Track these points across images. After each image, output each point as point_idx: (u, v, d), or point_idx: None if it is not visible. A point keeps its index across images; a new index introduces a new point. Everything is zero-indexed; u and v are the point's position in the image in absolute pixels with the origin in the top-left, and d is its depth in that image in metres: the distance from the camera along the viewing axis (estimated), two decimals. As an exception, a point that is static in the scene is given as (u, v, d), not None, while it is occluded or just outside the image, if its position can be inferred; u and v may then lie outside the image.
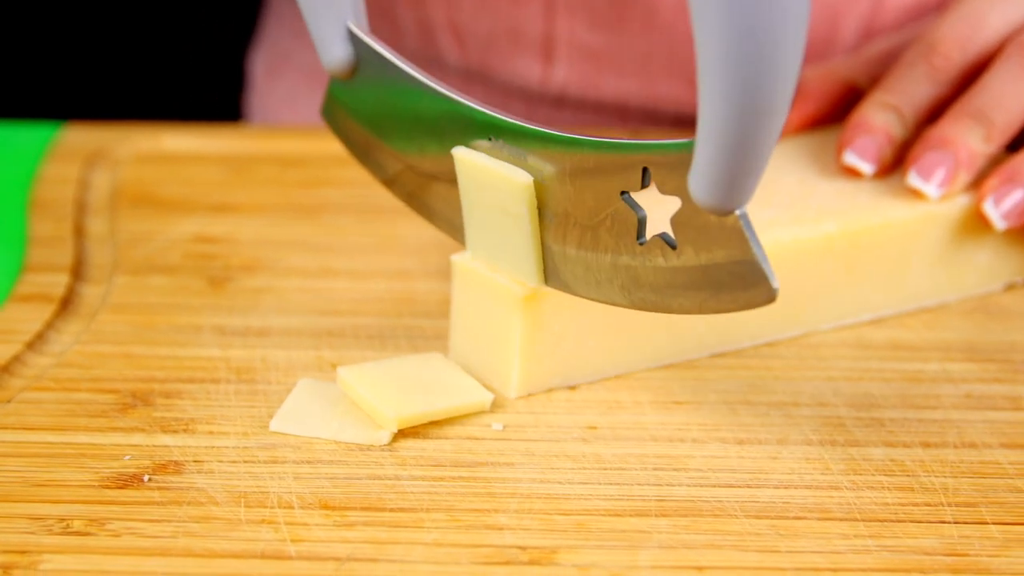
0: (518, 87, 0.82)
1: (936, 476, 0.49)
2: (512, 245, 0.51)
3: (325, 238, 0.66)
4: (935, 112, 0.62)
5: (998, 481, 0.49)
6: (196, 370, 0.54)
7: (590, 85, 0.80)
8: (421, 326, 0.58)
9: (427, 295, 0.61)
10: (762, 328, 0.57)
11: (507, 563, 0.44)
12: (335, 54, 0.53)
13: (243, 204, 0.70)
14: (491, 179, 0.50)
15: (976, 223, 0.60)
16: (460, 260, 0.54)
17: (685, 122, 0.80)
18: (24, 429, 0.50)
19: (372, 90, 0.54)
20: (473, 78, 0.83)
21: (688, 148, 0.44)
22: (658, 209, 0.47)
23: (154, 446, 0.49)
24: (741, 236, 0.44)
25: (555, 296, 0.52)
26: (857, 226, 0.57)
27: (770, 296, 0.45)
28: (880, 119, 0.61)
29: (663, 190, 0.45)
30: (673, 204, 0.45)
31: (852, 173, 0.60)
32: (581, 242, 0.49)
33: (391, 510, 0.46)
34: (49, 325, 0.57)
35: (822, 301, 0.58)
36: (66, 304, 0.59)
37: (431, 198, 0.54)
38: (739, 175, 0.42)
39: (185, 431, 0.50)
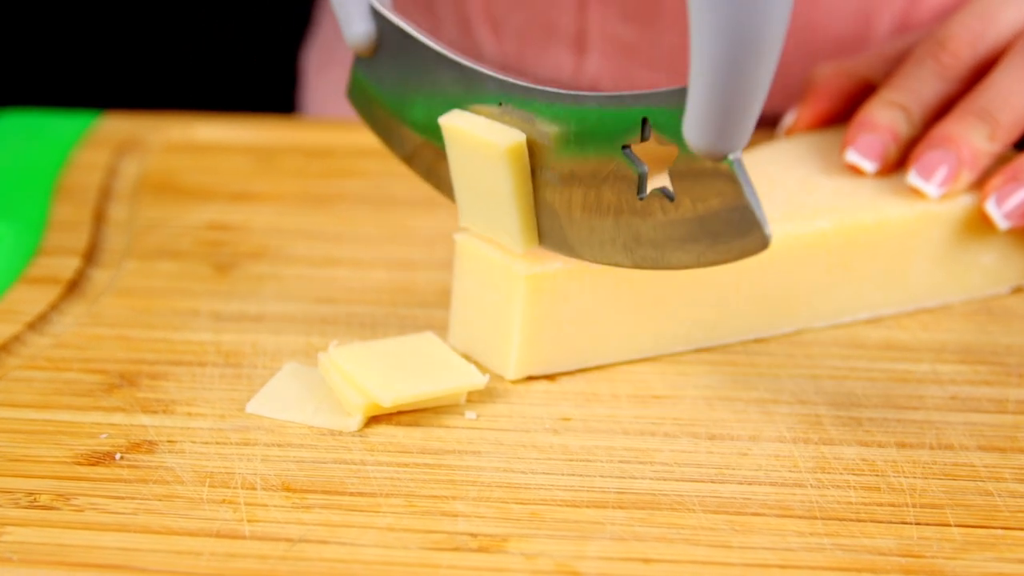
0: (552, 80, 0.82)
1: (906, 477, 0.48)
2: (498, 211, 0.52)
3: (336, 228, 0.66)
4: (944, 110, 0.61)
5: (969, 483, 0.48)
6: (186, 353, 0.55)
7: (622, 78, 0.80)
8: (415, 315, 0.58)
9: (427, 285, 0.61)
10: (754, 324, 0.57)
11: (456, 549, 0.44)
12: (357, 30, 0.54)
13: (262, 193, 0.71)
14: (472, 144, 0.51)
15: (980, 223, 0.59)
16: (462, 239, 0.54)
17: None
18: (9, 406, 0.51)
19: (393, 66, 0.54)
20: (509, 70, 0.84)
21: (683, 94, 0.44)
22: (657, 163, 0.47)
23: (132, 426, 0.50)
24: (735, 181, 0.44)
25: (557, 278, 0.52)
26: (851, 223, 0.56)
27: (763, 242, 0.45)
28: (886, 117, 0.60)
29: (661, 139, 0.46)
30: (671, 156, 0.45)
31: (855, 171, 0.60)
32: (586, 202, 0.49)
33: (351, 494, 0.47)
34: (53, 307, 0.59)
35: (816, 298, 0.57)
36: (73, 287, 0.60)
37: (445, 171, 0.55)
38: (731, 117, 0.42)
39: (164, 412, 0.51)
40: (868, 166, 0.59)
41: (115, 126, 0.78)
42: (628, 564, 0.43)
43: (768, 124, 0.65)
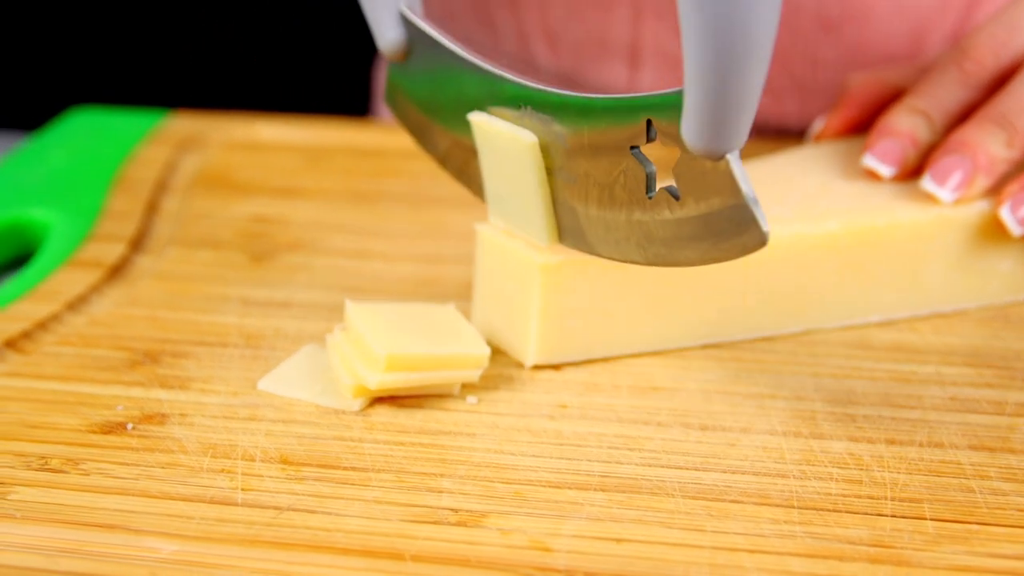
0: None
1: (890, 472, 0.48)
2: (524, 206, 0.53)
3: (372, 223, 0.68)
4: (967, 117, 0.61)
5: (952, 480, 0.48)
6: (209, 334, 0.57)
7: (674, 91, 0.81)
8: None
9: (452, 278, 0.62)
10: (763, 322, 0.57)
11: (435, 523, 0.45)
12: (388, 37, 0.56)
13: (307, 189, 0.73)
14: (501, 141, 0.52)
15: (996, 229, 0.58)
16: (483, 229, 0.56)
17: (767, 132, 0.80)
18: (37, 377, 0.54)
19: (424, 71, 0.56)
20: (566, 83, 0.85)
21: (680, 97, 0.45)
22: (663, 163, 0.48)
23: (147, 399, 0.52)
24: (732, 180, 0.45)
25: (573, 267, 0.53)
26: (862, 226, 0.57)
27: (761, 239, 0.45)
28: (906, 123, 0.60)
29: (665, 140, 0.47)
30: (675, 156, 0.46)
31: (873, 176, 0.60)
32: (600, 201, 0.50)
33: (344, 468, 0.48)
34: (94, 289, 0.61)
35: (826, 299, 0.57)
36: (115, 271, 0.63)
37: (475, 171, 0.56)
38: (725, 118, 0.43)
39: (180, 388, 0.53)
40: (885, 171, 0.59)
41: (181, 125, 0.81)
42: (600, 543, 0.44)
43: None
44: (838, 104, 0.65)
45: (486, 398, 0.53)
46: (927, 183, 0.58)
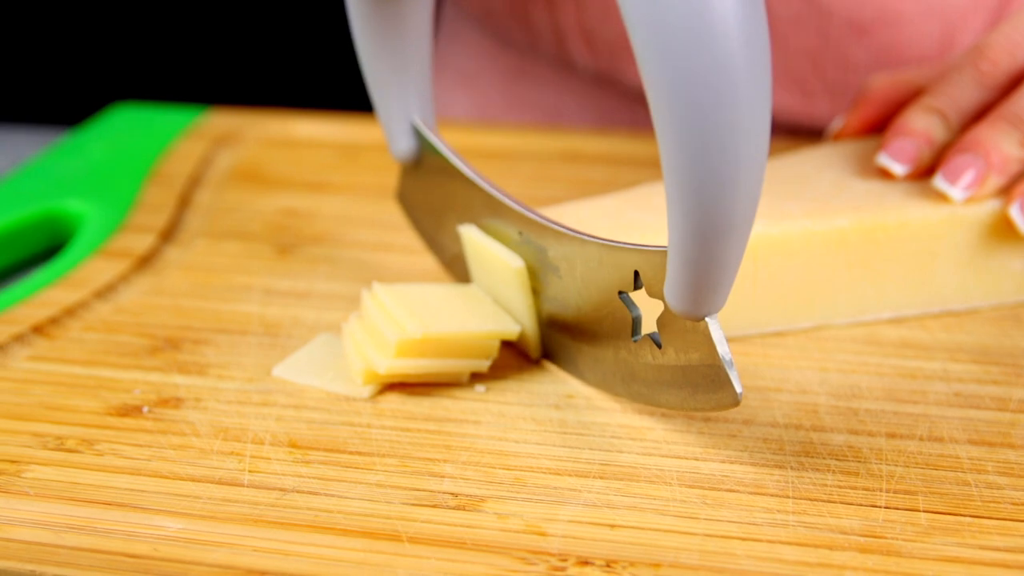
0: (643, 92, 0.84)
1: (887, 464, 0.49)
2: (517, 314, 0.55)
3: (398, 217, 0.69)
4: (982, 117, 0.61)
5: (948, 473, 0.48)
6: (230, 323, 0.58)
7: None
8: None
9: (471, 272, 0.63)
10: (773, 317, 0.58)
11: (435, 506, 0.46)
12: (400, 146, 0.58)
13: (338, 184, 0.74)
14: (490, 258, 0.54)
15: (1007, 229, 0.59)
16: (465, 231, 0.56)
17: (799, 132, 0.80)
18: (60, 361, 0.55)
19: (433, 179, 0.58)
20: (603, 81, 0.86)
21: (665, 256, 0.46)
22: (649, 309, 0.49)
23: (165, 384, 0.54)
24: (710, 342, 0.46)
25: None
26: (871, 223, 0.57)
27: (734, 400, 0.47)
28: (921, 122, 0.60)
29: (651, 293, 0.48)
30: (660, 306, 0.48)
31: (886, 174, 0.60)
32: (590, 335, 0.52)
33: (350, 452, 0.49)
34: (122, 278, 0.62)
35: (836, 295, 0.58)
36: (144, 261, 0.64)
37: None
38: (704, 286, 0.45)
39: (198, 373, 0.54)
40: (898, 169, 0.59)
41: (219, 121, 0.83)
42: (594, 528, 0.45)
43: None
44: (857, 103, 0.65)
45: (495, 387, 0.54)
46: (939, 182, 0.58)
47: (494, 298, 0.55)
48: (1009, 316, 0.60)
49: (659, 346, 0.49)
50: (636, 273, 0.49)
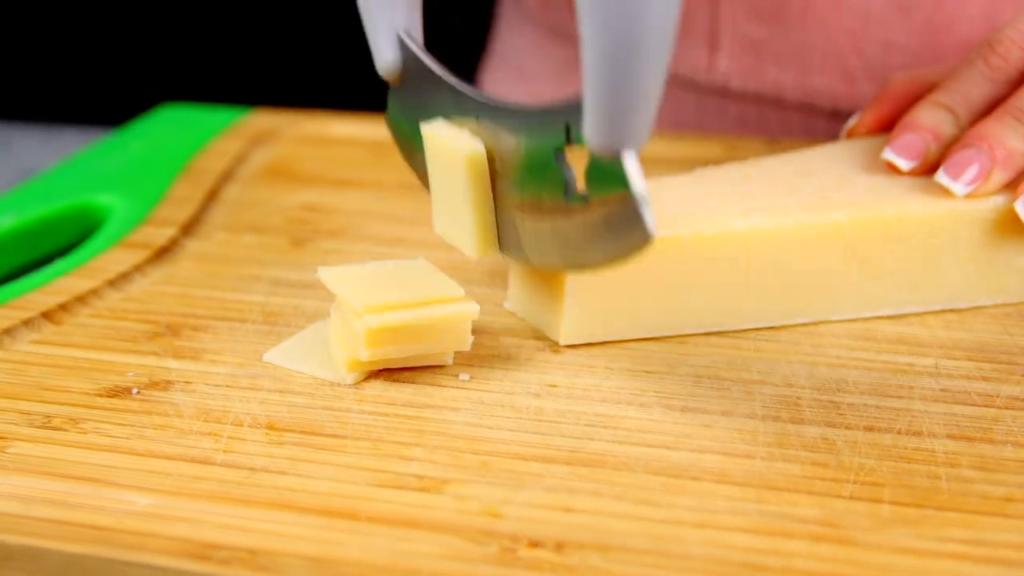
0: (688, 78, 0.84)
1: (860, 457, 0.48)
2: (459, 216, 0.55)
3: (418, 214, 0.70)
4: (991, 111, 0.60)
5: (920, 467, 0.48)
6: (232, 311, 0.60)
7: (751, 76, 0.81)
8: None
9: (479, 265, 0.64)
10: (768, 311, 0.57)
11: (398, 487, 0.47)
12: (385, 57, 0.57)
13: (363, 181, 0.75)
14: (443, 150, 0.55)
15: (1013, 224, 0.58)
16: (426, 127, 0.56)
17: (840, 116, 0.80)
18: (61, 344, 0.57)
19: (413, 95, 0.58)
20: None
21: None
22: (579, 167, 0.49)
23: (158, 367, 0.55)
24: (625, 177, 0.46)
25: None
26: (868, 217, 0.56)
27: (646, 237, 0.47)
28: (929, 118, 0.60)
29: (578, 143, 0.48)
30: (585, 158, 0.48)
31: (893, 169, 0.60)
32: (532, 209, 0.52)
33: (325, 435, 0.50)
34: (137, 268, 0.64)
35: (833, 291, 0.57)
36: (162, 252, 0.66)
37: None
38: (620, 116, 0.44)
39: (192, 358, 0.56)
40: (903, 164, 0.59)
41: (259, 120, 0.84)
42: (549, 512, 0.45)
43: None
44: (873, 101, 0.65)
45: (478, 375, 0.54)
46: (942, 176, 0.58)
47: (447, 195, 0.55)
48: (1014, 314, 0.59)
49: (586, 201, 0.49)
50: (567, 128, 0.49)
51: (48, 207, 0.72)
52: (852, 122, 0.66)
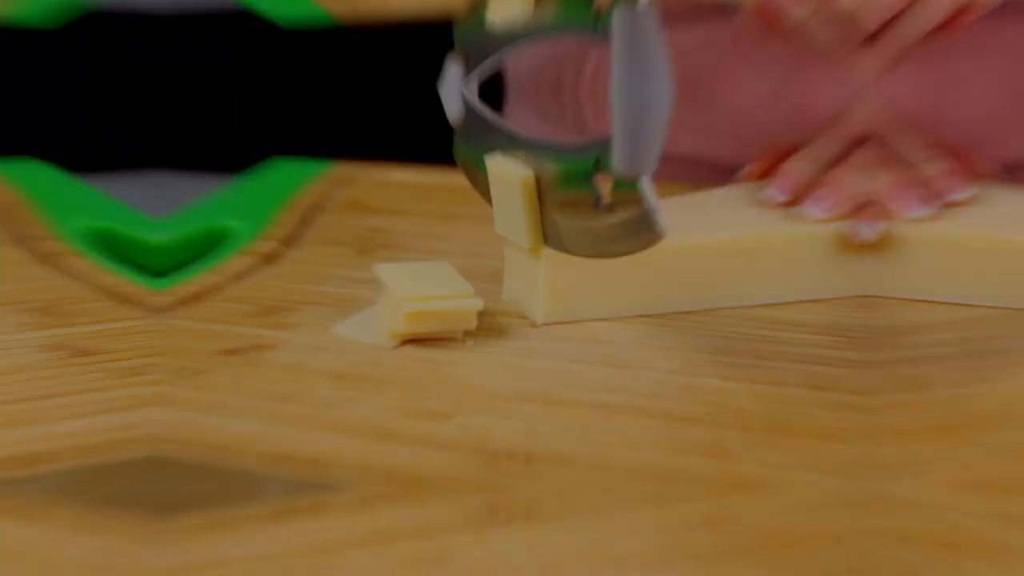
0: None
1: (736, 399, 0.49)
2: (516, 221, 0.57)
3: (450, 232, 0.72)
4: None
5: (780, 408, 0.49)
6: (314, 297, 0.62)
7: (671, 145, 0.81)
8: (483, 288, 0.58)
9: (486, 268, 0.63)
10: (699, 298, 0.59)
11: (418, 418, 0.48)
12: (451, 109, 0.59)
13: (410, 212, 0.77)
14: (503, 176, 0.57)
15: (847, 241, 0.60)
16: (489, 160, 0.58)
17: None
18: (198, 320, 0.59)
19: (475, 135, 0.59)
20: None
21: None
22: (606, 186, 0.52)
23: (259, 335, 0.57)
24: (641, 195, 0.50)
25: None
26: (749, 235, 0.59)
27: (659, 235, 0.51)
28: (798, 167, 0.62)
29: (607, 170, 0.51)
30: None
31: (771, 203, 0.62)
32: (572, 215, 0.54)
33: (347, 377, 0.52)
34: (250, 269, 0.66)
35: (731, 286, 0.59)
36: (268, 258, 0.68)
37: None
38: (636, 153, 0.49)
39: (280, 329, 0.57)
40: (780, 198, 0.61)
41: (343, 170, 0.86)
42: (521, 435, 0.47)
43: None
44: (760, 157, 0.66)
45: (480, 343, 0.56)
46: (807, 207, 0.60)
47: (507, 207, 0.57)
48: (852, 304, 0.60)
49: (612, 209, 0.52)
50: (598, 159, 0.51)
51: (191, 228, 0.74)
52: (746, 170, 0.67)
